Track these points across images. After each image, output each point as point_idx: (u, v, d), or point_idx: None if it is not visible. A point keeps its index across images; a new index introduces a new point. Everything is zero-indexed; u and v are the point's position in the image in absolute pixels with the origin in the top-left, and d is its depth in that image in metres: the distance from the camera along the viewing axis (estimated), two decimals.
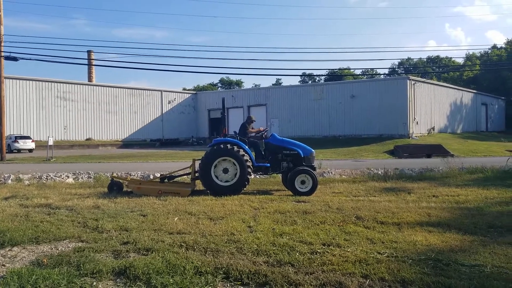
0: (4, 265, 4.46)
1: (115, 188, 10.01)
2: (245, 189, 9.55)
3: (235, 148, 9.35)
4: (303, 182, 9.41)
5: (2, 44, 21.89)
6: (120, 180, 10.43)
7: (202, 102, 50.83)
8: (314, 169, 9.91)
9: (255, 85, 73.02)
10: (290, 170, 9.74)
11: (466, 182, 11.12)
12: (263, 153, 10.20)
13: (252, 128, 10.70)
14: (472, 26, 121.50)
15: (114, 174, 10.56)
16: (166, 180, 10.26)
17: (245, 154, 9.38)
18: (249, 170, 9.33)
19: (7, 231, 5.66)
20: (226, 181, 9.33)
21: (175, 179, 10.66)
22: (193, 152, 24.55)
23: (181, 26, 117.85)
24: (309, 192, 9.27)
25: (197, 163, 10.05)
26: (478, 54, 64.66)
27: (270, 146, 10.11)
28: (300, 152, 9.93)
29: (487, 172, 12.64)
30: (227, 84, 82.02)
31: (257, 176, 11.86)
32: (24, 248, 5.09)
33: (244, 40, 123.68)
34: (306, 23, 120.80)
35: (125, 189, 10.11)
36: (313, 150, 10.19)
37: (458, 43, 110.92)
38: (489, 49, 64.44)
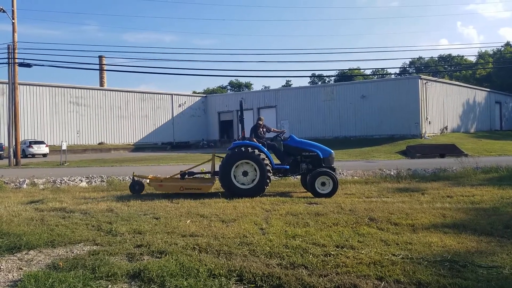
0: (21, 269, 4.53)
1: (137, 187, 10.03)
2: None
3: (256, 151, 9.27)
4: (323, 184, 9.29)
5: (16, 51, 22.34)
6: (141, 179, 10.36)
7: (212, 105, 51.10)
8: (334, 170, 9.77)
9: (265, 87, 73.05)
10: (309, 172, 9.62)
11: (481, 182, 10.94)
12: (282, 155, 10.07)
13: (265, 128, 10.59)
14: (484, 24, 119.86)
15: (135, 174, 10.57)
16: (186, 176, 10.23)
17: (266, 158, 9.29)
18: (269, 174, 9.22)
19: (23, 235, 5.76)
20: (242, 184, 9.29)
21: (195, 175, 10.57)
22: (204, 154, 24.62)
23: (190, 30, 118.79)
24: (330, 194, 9.16)
25: (216, 160, 10.11)
26: (491, 52, 63.65)
27: (289, 148, 9.99)
28: (320, 153, 9.82)
29: (502, 172, 12.42)
30: (236, 86, 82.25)
31: (272, 178, 11.79)
32: (40, 251, 5.16)
33: (253, 42, 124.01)
34: (316, 24, 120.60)
35: (146, 187, 10.10)
36: (332, 151, 10.03)
37: (470, 41, 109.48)
38: (502, 46, 63.49)
